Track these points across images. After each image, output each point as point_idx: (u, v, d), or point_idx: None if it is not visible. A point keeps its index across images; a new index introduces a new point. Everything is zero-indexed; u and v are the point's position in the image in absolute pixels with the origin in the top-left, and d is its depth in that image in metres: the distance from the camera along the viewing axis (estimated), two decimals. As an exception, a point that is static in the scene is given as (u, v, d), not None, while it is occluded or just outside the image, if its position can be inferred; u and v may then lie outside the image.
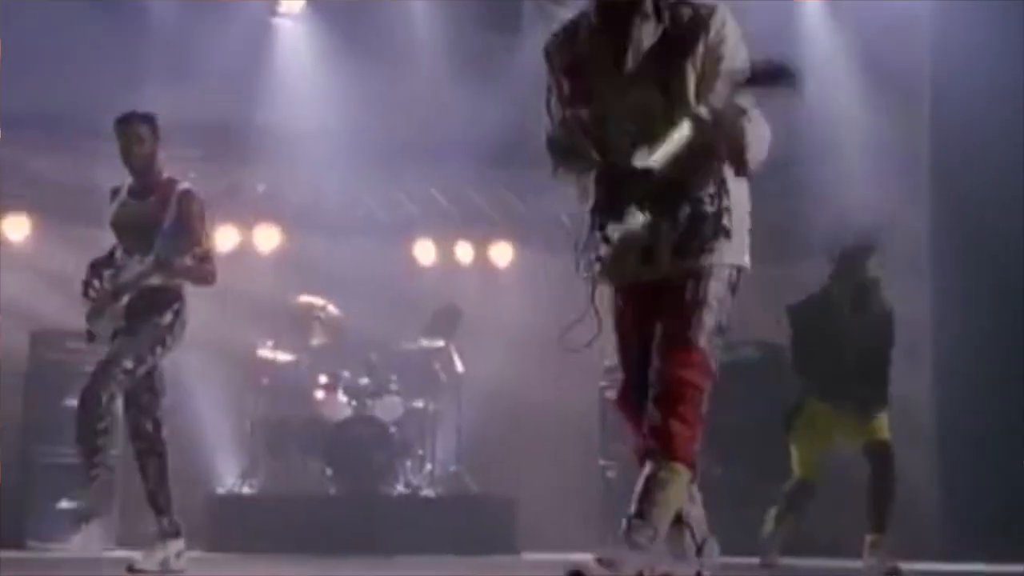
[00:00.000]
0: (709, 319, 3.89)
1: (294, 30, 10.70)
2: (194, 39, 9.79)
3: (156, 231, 6.59)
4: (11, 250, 10.36)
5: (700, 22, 3.96)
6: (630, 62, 4.00)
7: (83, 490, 6.96)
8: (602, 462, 10.00)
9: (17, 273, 10.09)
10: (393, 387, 9.87)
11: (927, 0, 9.79)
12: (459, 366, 10.19)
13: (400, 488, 9.70)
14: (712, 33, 3.94)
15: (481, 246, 11.59)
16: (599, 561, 3.80)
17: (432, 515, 9.55)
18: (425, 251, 11.43)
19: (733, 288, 3.97)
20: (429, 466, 9.93)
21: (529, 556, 9.08)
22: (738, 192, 3.97)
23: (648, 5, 4.01)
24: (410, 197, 11.41)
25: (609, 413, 10.08)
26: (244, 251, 10.91)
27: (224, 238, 10.63)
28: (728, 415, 7.25)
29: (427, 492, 9.80)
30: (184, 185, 6.75)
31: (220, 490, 9.82)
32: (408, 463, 9.83)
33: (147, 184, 6.76)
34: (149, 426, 6.64)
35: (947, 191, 9.69)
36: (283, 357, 10.02)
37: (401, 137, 10.74)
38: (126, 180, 6.83)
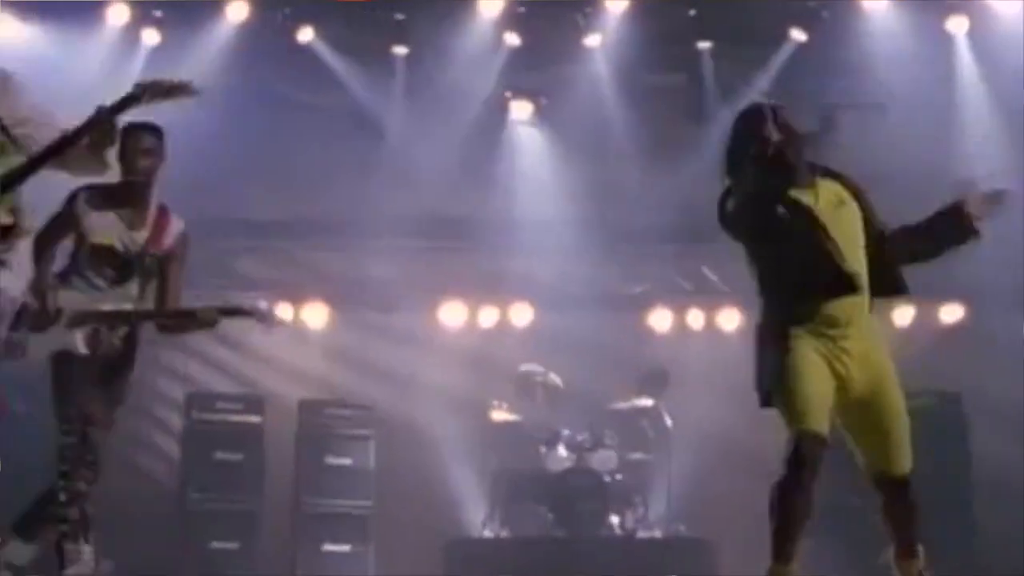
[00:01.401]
0: None
1: (527, 133, 11.87)
2: (429, 146, 11.05)
3: (145, 266, 5.99)
4: (308, 333, 11.85)
5: None
6: None
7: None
8: (795, 506, 10.66)
9: (310, 352, 11.77)
10: (608, 441, 10.60)
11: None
12: (668, 422, 10.95)
13: (616, 531, 10.46)
14: None
15: (711, 313, 12.36)
16: None
17: (645, 555, 10.25)
18: (661, 319, 12.40)
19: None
20: (642, 511, 10.60)
21: (732, 590, 9.67)
22: None
23: None
24: (644, 272, 12.51)
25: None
26: (502, 327, 12.19)
27: (487, 316, 12.21)
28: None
29: (641, 534, 10.48)
30: (181, 225, 6.09)
31: (472, 534, 10.84)
32: (624, 509, 10.55)
33: (142, 205, 6.01)
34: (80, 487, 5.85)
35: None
36: (513, 417, 10.97)
37: (632, 220, 11.75)
38: (96, 189, 5.97)
